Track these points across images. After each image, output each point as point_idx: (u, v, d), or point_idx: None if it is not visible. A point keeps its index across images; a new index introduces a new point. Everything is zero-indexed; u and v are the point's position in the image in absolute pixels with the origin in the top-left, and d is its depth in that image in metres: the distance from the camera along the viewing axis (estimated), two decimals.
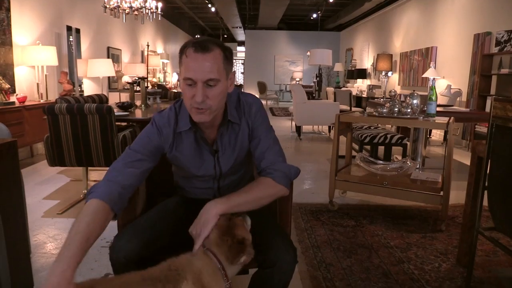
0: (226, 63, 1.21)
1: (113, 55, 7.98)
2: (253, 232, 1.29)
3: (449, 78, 6.88)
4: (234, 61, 1.34)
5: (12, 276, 1.64)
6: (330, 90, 9.00)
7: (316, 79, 9.60)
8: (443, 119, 2.84)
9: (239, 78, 17.23)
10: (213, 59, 1.17)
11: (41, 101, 4.95)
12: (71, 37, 6.19)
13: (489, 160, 1.75)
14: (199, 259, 1.13)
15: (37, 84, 5.03)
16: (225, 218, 1.19)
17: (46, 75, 5.11)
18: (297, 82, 13.04)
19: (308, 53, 12.23)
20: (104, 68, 5.99)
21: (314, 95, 9.70)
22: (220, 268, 1.13)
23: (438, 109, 3.43)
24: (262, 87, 14.00)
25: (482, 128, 5.49)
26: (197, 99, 1.17)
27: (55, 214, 2.95)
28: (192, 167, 1.38)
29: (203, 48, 1.16)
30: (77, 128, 2.89)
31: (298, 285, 1.98)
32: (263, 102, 13.78)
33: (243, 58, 16.17)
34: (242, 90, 2.24)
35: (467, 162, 3.25)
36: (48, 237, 2.55)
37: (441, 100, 5.85)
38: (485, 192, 1.79)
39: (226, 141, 1.36)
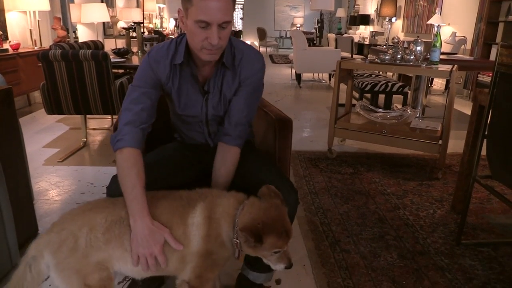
0: (233, 4, 1.21)
1: None
2: (255, 177, 1.31)
3: (454, 25, 6.67)
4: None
5: (16, 222, 1.68)
6: (332, 36, 8.77)
7: (317, 25, 9.32)
8: (446, 67, 2.79)
9: (238, 24, 16.68)
10: (226, 1, 1.16)
11: (35, 48, 4.82)
12: None
13: (490, 109, 1.74)
14: (226, 197, 1.20)
15: (30, 30, 4.88)
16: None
17: (38, 20, 4.94)
18: (298, 28, 12.65)
19: None
20: (98, 13, 5.76)
21: (315, 41, 9.48)
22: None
23: (442, 57, 3.35)
24: (261, 34, 13.61)
25: (485, 78, 5.41)
26: (213, 42, 1.17)
27: (55, 162, 2.98)
28: (180, 103, 1.38)
29: None
30: (73, 75, 2.84)
31: (296, 230, 2.04)
32: (263, 49, 13.49)
33: (242, 3, 15.57)
34: (241, 37, 2.16)
35: (468, 111, 3.24)
36: (50, 184, 2.59)
37: (445, 48, 5.71)
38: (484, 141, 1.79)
39: (217, 84, 1.35)
